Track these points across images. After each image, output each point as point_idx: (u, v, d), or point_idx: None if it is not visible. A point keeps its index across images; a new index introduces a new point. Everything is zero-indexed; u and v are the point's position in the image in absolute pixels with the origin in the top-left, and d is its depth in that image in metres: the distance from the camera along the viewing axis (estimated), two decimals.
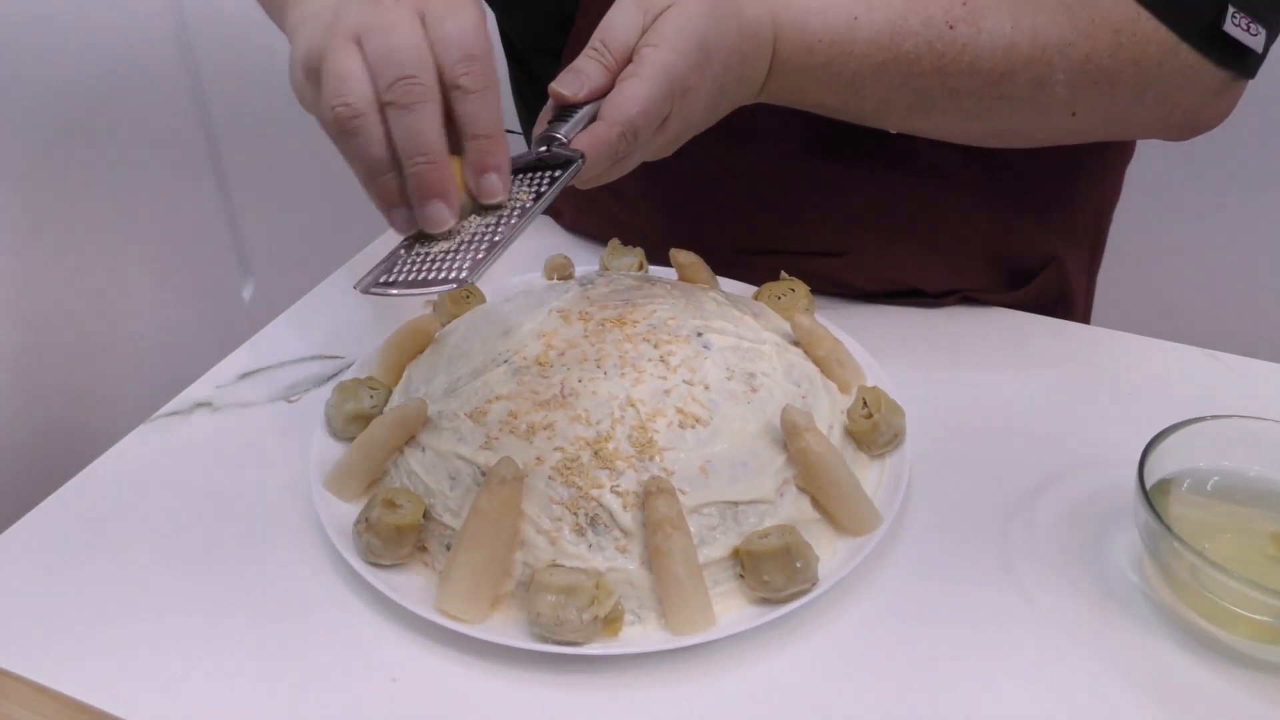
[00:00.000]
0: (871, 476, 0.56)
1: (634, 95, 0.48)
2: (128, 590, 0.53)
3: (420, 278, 0.46)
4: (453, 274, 0.45)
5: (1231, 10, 0.53)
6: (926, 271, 0.71)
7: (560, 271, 0.69)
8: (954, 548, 0.54)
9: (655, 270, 0.69)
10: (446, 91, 0.46)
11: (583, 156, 0.48)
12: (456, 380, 0.56)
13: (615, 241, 0.70)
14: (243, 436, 0.62)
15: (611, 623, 0.49)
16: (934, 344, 0.68)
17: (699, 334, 0.57)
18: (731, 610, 0.50)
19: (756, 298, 0.66)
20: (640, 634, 0.49)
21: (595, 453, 0.51)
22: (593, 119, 0.49)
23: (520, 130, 0.87)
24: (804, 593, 0.49)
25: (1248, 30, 0.54)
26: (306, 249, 1.31)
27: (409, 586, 0.51)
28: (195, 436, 0.62)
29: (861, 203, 0.70)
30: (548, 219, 0.82)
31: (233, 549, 0.55)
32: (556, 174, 0.48)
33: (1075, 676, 0.48)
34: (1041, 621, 0.50)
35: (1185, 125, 0.59)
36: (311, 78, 0.48)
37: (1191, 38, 0.54)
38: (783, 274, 0.67)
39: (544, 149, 0.48)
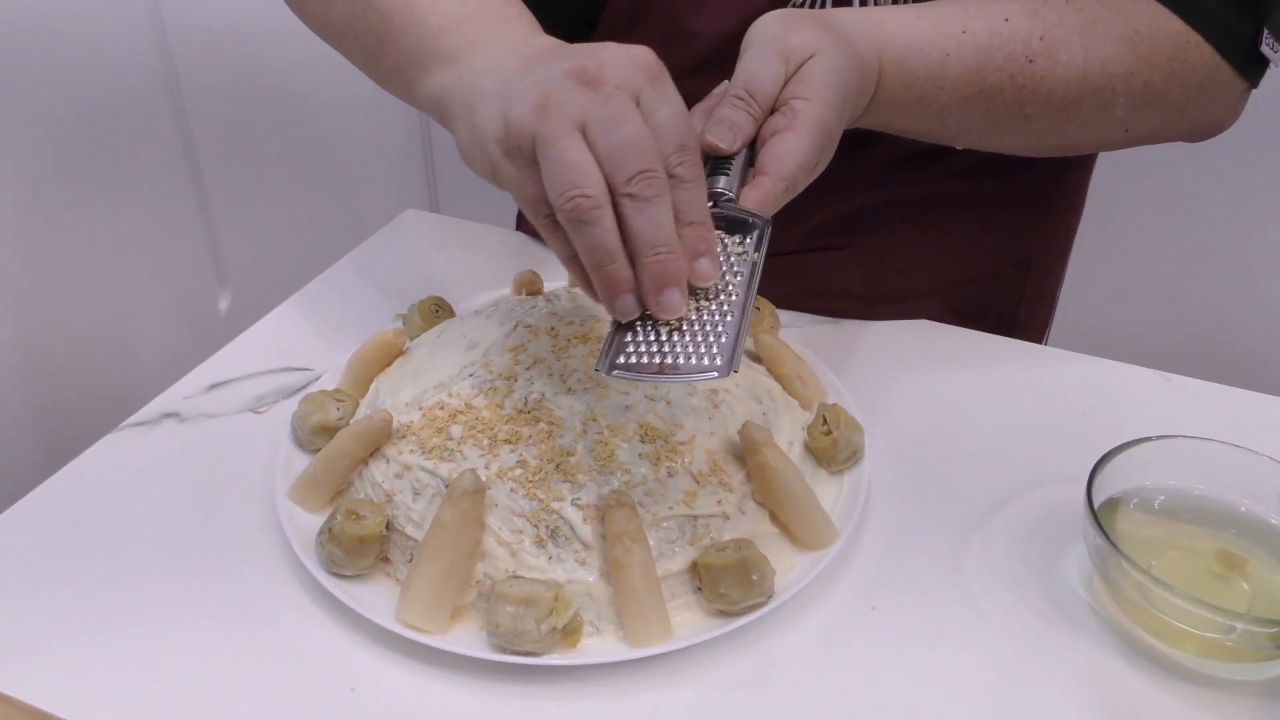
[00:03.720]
0: (830, 492, 0.57)
1: (794, 148, 0.49)
2: (90, 599, 0.53)
3: (669, 363, 0.47)
4: (707, 361, 0.47)
5: (1266, 33, 0.60)
6: (920, 262, 0.75)
7: (529, 287, 0.70)
8: (909, 563, 0.55)
9: None
10: None
11: (768, 222, 0.49)
12: (422, 393, 0.57)
13: None
14: (209, 447, 0.62)
15: (570, 634, 0.49)
16: (895, 363, 0.69)
17: None
18: (689, 622, 0.50)
19: None
20: (598, 645, 0.50)
21: (557, 466, 0.52)
22: (744, 164, 0.50)
23: None
24: (760, 605, 0.50)
25: (1273, 49, 0.61)
26: (283, 262, 1.32)
27: (371, 597, 0.51)
28: (162, 447, 0.62)
29: (862, 200, 0.72)
30: (519, 234, 0.83)
31: (196, 559, 0.55)
32: (743, 239, 0.49)
33: (1025, 691, 0.49)
34: (993, 637, 0.51)
35: (1208, 131, 0.66)
36: (516, 156, 0.47)
37: (1233, 58, 0.60)
38: None
39: (712, 205, 0.49)
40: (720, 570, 0.50)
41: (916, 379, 0.68)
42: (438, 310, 0.67)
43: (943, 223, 0.74)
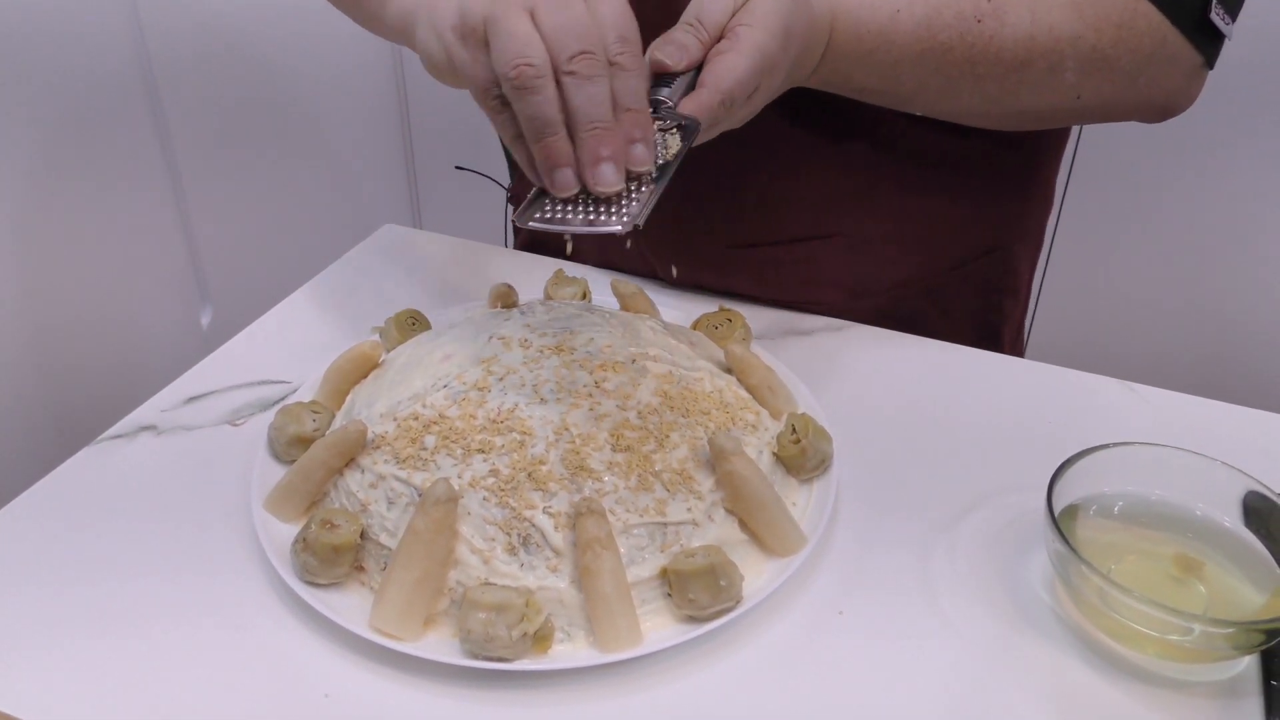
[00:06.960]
0: (800, 500, 0.58)
1: (733, 67, 0.52)
2: (67, 608, 0.53)
3: (582, 219, 0.50)
4: (614, 219, 0.49)
5: (1215, 3, 0.62)
6: (902, 252, 0.77)
7: (504, 300, 0.71)
8: (876, 569, 0.56)
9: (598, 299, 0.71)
10: None
11: (699, 123, 0.52)
12: (397, 404, 0.58)
13: (560, 271, 0.72)
14: (186, 459, 0.63)
15: (541, 640, 0.50)
16: (863, 373, 0.70)
17: (634, 361, 0.59)
18: (659, 628, 0.51)
19: (694, 327, 0.68)
20: (570, 651, 0.50)
21: (529, 475, 0.53)
22: (688, 88, 0.53)
23: (505, 160, 0.89)
24: (728, 611, 0.51)
25: (1223, 20, 0.63)
26: (266, 278, 1.32)
27: (345, 605, 0.52)
28: (138, 459, 0.63)
29: (843, 184, 0.74)
30: (495, 248, 0.84)
31: (172, 569, 0.55)
32: (676, 133, 0.52)
33: (989, 694, 0.50)
34: (957, 641, 0.52)
35: (1164, 107, 0.68)
36: (469, 40, 0.50)
37: (1183, 24, 0.63)
38: (720, 305, 0.70)
39: (652, 110, 0.52)
40: (689, 576, 0.50)
41: (884, 388, 0.69)
42: (414, 323, 0.68)
43: (917, 207, 0.76)
